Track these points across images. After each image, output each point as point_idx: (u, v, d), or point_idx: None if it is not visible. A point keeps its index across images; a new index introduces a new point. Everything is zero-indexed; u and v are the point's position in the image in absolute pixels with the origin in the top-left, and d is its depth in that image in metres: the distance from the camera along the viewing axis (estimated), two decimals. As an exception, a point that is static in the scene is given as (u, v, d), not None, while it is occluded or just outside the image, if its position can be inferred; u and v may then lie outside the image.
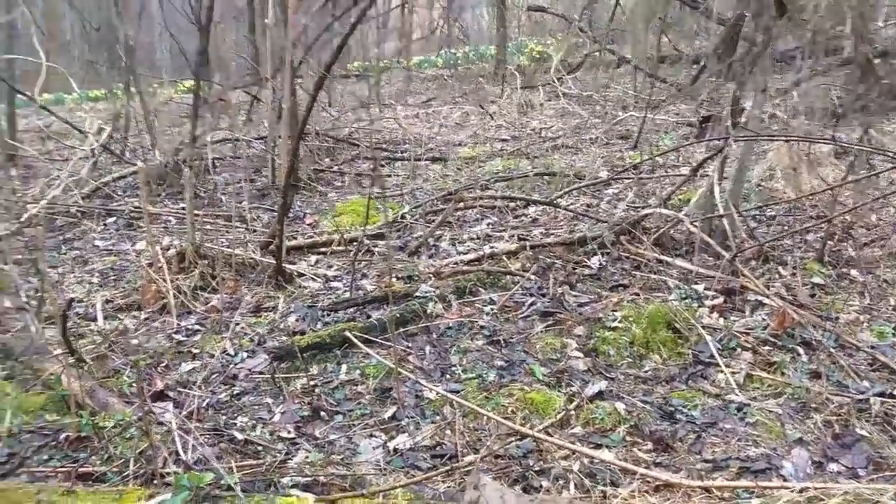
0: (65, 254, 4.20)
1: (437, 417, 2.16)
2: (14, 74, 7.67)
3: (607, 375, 2.44)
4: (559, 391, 2.27)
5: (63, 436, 2.11)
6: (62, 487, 1.45)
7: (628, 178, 4.86)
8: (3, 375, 2.51)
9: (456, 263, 3.57)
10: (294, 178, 3.53)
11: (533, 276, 3.18)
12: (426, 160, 6.44)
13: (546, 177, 5.27)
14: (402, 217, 4.58)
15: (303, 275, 3.62)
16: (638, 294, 3.04)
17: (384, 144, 7.36)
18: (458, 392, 2.27)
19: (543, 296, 3.01)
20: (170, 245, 3.99)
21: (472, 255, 3.67)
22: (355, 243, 4.06)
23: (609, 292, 3.09)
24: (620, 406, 2.20)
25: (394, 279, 3.48)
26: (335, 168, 6.16)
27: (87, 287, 3.59)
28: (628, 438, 2.07)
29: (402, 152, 6.91)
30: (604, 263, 3.38)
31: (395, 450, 1.97)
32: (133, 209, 4.95)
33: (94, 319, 3.14)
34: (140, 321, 3.11)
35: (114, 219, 4.88)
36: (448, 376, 2.43)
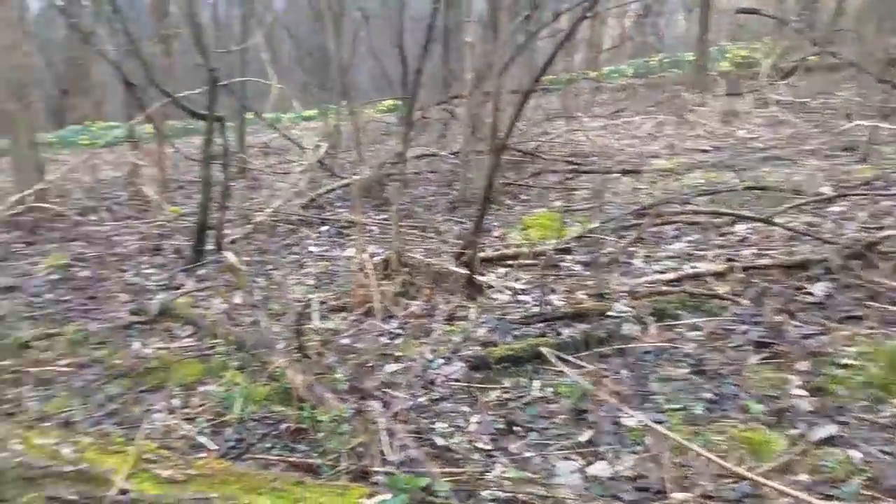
0: (285, 258, 4.71)
1: (639, 447, 2.04)
2: (245, 95, 8.81)
3: (838, 419, 2.14)
4: (779, 432, 2.03)
5: (284, 426, 2.34)
6: (293, 477, 1.59)
7: (859, 195, 4.26)
8: (235, 366, 2.86)
9: (653, 283, 3.39)
10: (490, 191, 3.61)
11: (746, 302, 2.90)
12: (617, 173, 6.23)
13: (757, 191, 4.81)
14: (592, 232, 4.46)
15: (492, 286, 3.67)
16: (874, 328, 2.64)
17: (572, 157, 7.27)
18: (661, 423, 2.13)
19: (757, 324, 2.73)
20: (374, 253, 4.29)
21: (671, 275, 3.46)
22: (543, 257, 4.05)
23: (838, 324, 2.72)
24: (855, 454, 1.91)
25: (583, 296, 3.40)
26: (521, 181, 6.20)
27: (304, 288, 3.97)
28: (865, 492, 1.79)
29: (590, 165, 6.77)
30: (830, 291, 2.98)
31: (595, 477, 1.90)
32: (343, 219, 5.41)
33: (310, 319, 3.46)
34: (349, 322, 3.36)
35: (326, 227, 5.37)
36: (648, 404, 2.30)
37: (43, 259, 4.54)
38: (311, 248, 4.94)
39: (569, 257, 4.00)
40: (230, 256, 3.25)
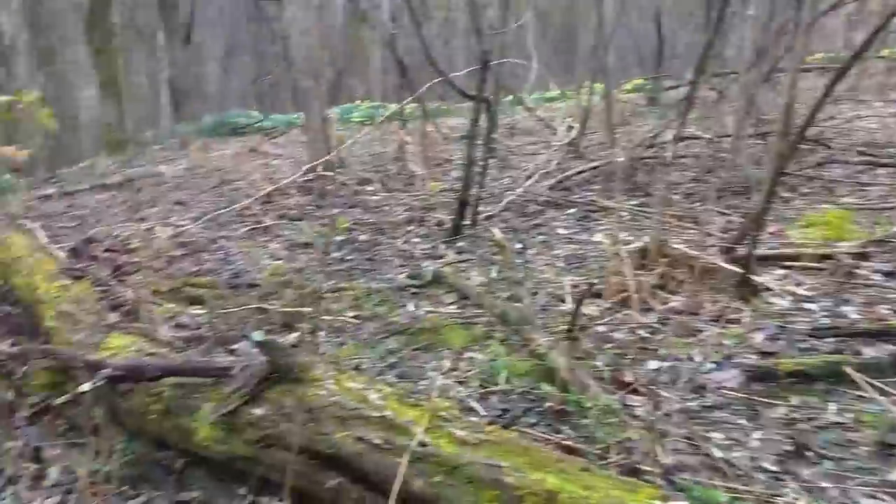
0: (534, 238, 4.77)
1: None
2: (503, 75, 9.04)
3: None
4: None
5: (547, 405, 2.37)
6: (580, 462, 1.59)
7: None
8: (498, 338, 2.97)
9: None
10: (778, 182, 3.22)
11: None
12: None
13: None
14: (894, 237, 3.78)
15: (769, 289, 3.30)
16: None
17: (863, 147, 6.22)
18: None
19: None
20: (625, 240, 4.14)
21: None
22: (833, 261, 3.53)
23: None
24: None
25: (887, 311, 2.90)
26: (802, 171, 5.47)
27: (555, 270, 3.99)
28: None
29: (888, 157, 5.74)
30: None
31: (918, 528, 1.61)
32: (590, 202, 5.32)
33: (563, 301, 3.47)
34: (603, 310, 3.29)
35: (573, 210, 5.32)
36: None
37: (329, 222, 5.19)
38: (559, 230, 4.93)
39: (865, 264, 3.44)
40: (497, 232, 3.37)
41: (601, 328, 3.07)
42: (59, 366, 2.58)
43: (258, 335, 2.00)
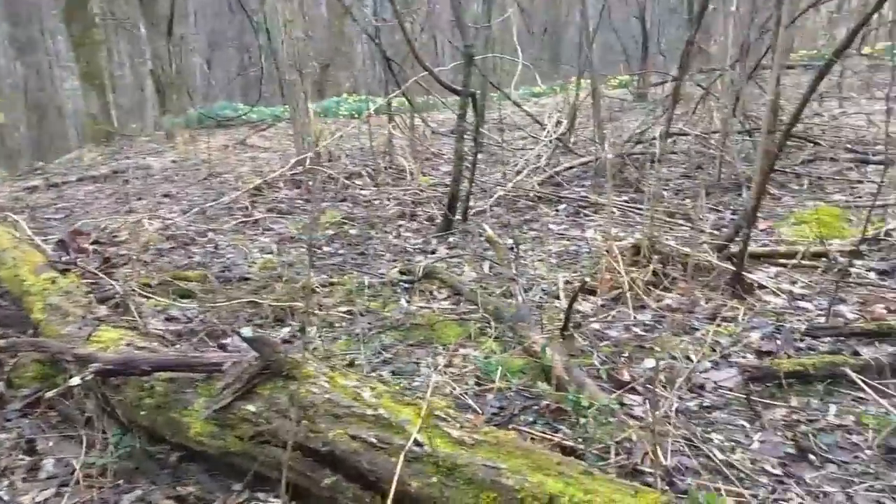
0: (526, 233, 4.74)
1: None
2: (488, 70, 8.98)
3: None
4: None
5: (544, 403, 2.33)
6: (581, 465, 1.55)
7: None
8: (491, 335, 2.93)
9: (983, 306, 2.77)
10: (768, 179, 3.21)
11: None
12: (916, 167, 5.22)
13: None
14: (888, 235, 3.79)
15: (763, 287, 3.30)
16: None
17: (850, 144, 6.26)
18: None
19: None
20: (618, 236, 4.11)
21: None
22: (825, 259, 3.54)
23: None
24: None
25: (884, 310, 2.90)
26: (790, 169, 5.49)
27: (547, 266, 3.96)
28: None
29: (873, 154, 5.77)
30: None
31: (927, 533, 1.59)
32: (581, 198, 5.29)
33: (557, 297, 3.43)
34: (597, 307, 3.27)
35: (564, 206, 5.30)
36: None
37: (318, 216, 5.13)
38: (551, 226, 4.90)
39: (859, 263, 3.44)
40: (488, 229, 3.33)
41: (596, 325, 3.03)
42: (49, 358, 2.53)
43: (247, 331, 1.95)
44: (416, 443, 1.66)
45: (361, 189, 5.93)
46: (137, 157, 9.46)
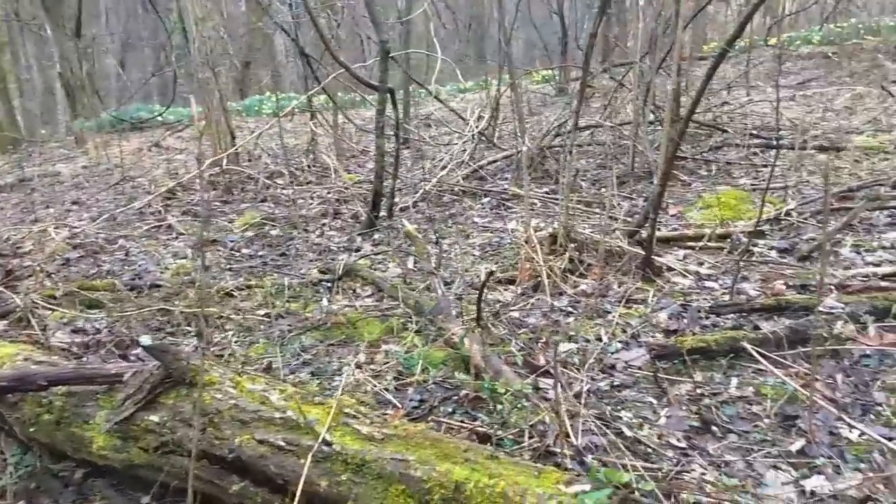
0: (451, 227, 4.76)
1: (863, 465, 1.79)
2: (409, 67, 8.96)
3: None
4: None
5: (463, 393, 2.35)
6: (487, 451, 1.56)
7: None
8: (413, 329, 2.93)
9: (867, 276, 2.98)
10: (672, 166, 3.35)
11: None
12: (812, 149, 5.56)
13: None
14: (787, 214, 4.02)
15: (672, 269, 3.43)
16: None
17: (756, 130, 6.60)
18: (891, 440, 1.85)
19: None
20: (538, 226, 4.19)
21: (888, 269, 3.02)
22: (729, 240, 3.72)
23: None
24: None
25: (783, 286, 3.07)
26: (699, 156, 5.74)
27: (470, 259, 3.99)
28: None
29: (777, 140, 6.11)
30: None
31: (812, 492, 1.69)
32: (504, 191, 5.36)
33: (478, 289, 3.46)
34: (517, 296, 3.32)
35: (488, 199, 5.35)
36: (872, 416, 2.01)
37: (237, 217, 4.98)
38: (475, 219, 4.95)
39: (762, 242, 3.63)
40: (407, 224, 3.32)
41: (515, 314, 3.08)
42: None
43: (146, 339, 1.88)
44: (325, 442, 1.64)
45: (283, 188, 5.80)
46: (46, 163, 8.97)
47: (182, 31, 6.95)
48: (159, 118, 10.90)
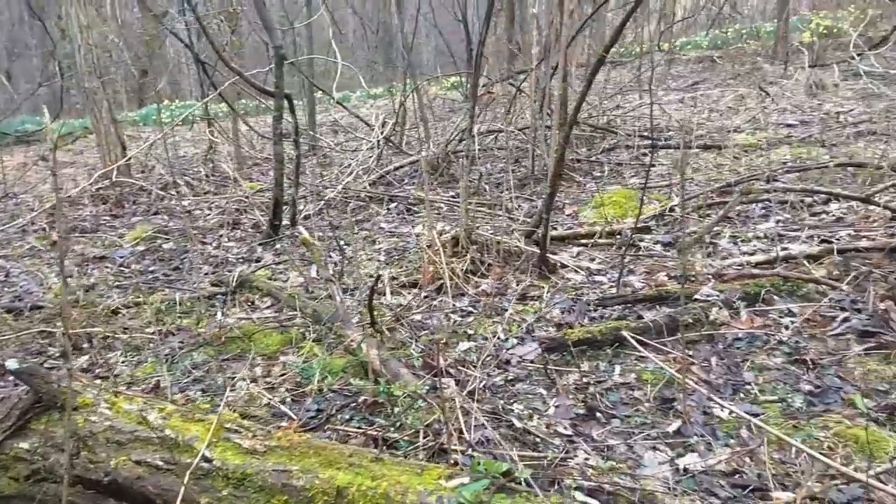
0: (356, 233, 4.73)
1: (732, 441, 1.92)
2: (313, 73, 8.86)
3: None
4: (891, 431, 1.87)
5: (361, 399, 2.34)
6: (371, 454, 1.57)
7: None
8: (312, 338, 2.89)
9: (741, 265, 3.20)
10: (561, 168, 3.48)
11: (845, 287, 2.69)
12: (696, 148, 5.94)
13: (851, 168, 4.48)
14: (671, 210, 4.27)
15: (566, 266, 3.56)
16: None
17: (646, 131, 6.97)
18: (756, 416, 2.00)
19: (859, 311, 2.53)
20: (442, 230, 4.25)
21: (761, 257, 3.26)
22: (618, 236, 3.90)
23: (953, 314, 2.48)
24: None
25: (665, 277, 3.25)
26: (593, 157, 6.00)
27: (375, 264, 3.98)
28: None
29: (666, 139, 6.48)
30: (944, 277, 2.73)
31: (686, 469, 1.80)
32: (411, 196, 5.39)
33: (383, 294, 3.46)
34: (420, 299, 3.34)
35: (395, 204, 5.36)
36: (741, 395, 2.17)
37: (128, 231, 4.74)
38: (382, 225, 4.95)
39: (648, 237, 3.84)
40: (304, 232, 3.27)
41: (417, 316, 3.10)
42: None
43: (13, 363, 1.75)
44: (205, 458, 1.59)
45: (180, 200, 5.58)
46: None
47: (68, 39, 6.54)
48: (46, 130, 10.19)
